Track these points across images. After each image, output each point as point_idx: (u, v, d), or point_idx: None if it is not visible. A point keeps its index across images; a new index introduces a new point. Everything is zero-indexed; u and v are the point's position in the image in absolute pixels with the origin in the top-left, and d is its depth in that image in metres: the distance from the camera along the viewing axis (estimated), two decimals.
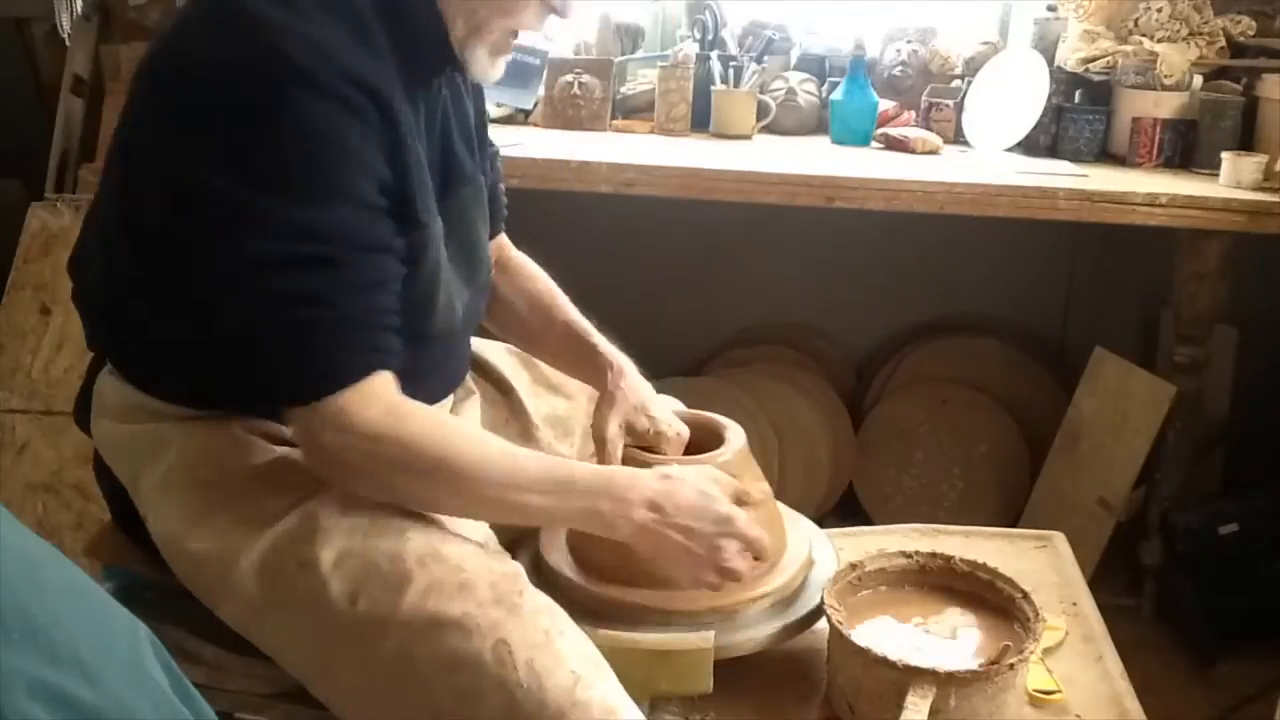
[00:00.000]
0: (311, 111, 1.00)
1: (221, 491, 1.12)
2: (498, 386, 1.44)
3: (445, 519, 1.13)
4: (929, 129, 2.53)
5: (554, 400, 1.47)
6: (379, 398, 1.05)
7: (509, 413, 1.43)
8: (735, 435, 1.29)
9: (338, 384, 1.03)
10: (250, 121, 1.00)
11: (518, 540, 1.30)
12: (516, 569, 1.10)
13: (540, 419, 1.44)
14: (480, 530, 1.19)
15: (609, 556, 1.21)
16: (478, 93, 1.33)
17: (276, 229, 1.00)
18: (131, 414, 1.18)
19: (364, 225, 1.04)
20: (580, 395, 1.48)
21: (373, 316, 1.05)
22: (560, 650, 1.03)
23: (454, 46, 1.14)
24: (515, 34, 1.17)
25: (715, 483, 1.18)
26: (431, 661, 1.02)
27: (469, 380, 1.39)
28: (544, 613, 1.06)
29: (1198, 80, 2.45)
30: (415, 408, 1.08)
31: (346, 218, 1.02)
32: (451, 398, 1.33)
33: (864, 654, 1.11)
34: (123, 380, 1.18)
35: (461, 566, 1.06)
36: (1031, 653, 1.13)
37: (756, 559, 1.17)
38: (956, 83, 2.60)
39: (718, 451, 1.27)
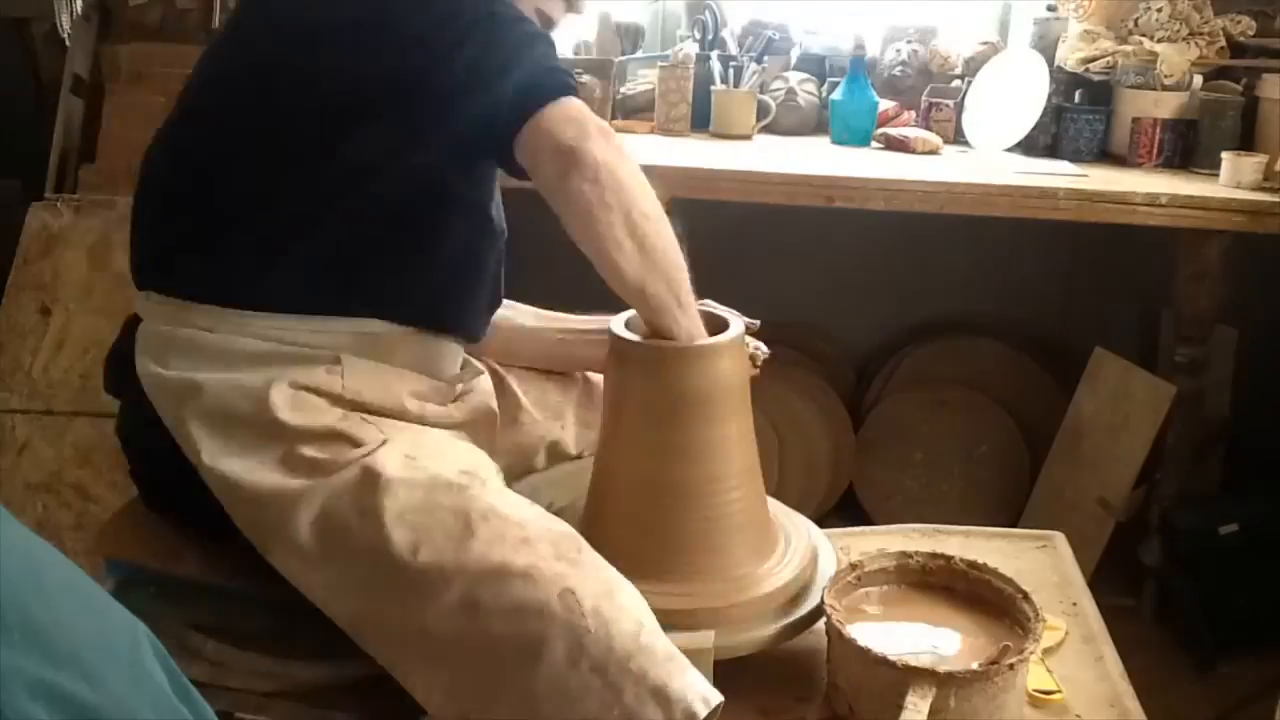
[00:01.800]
0: None
1: (284, 439, 1.13)
2: (491, 371, 1.45)
3: (501, 482, 1.17)
4: (929, 129, 2.53)
5: (544, 385, 1.49)
6: (586, 112, 1.15)
7: (501, 397, 1.44)
8: (735, 324, 1.28)
9: (567, 85, 1.14)
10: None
11: None
12: (573, 531, 1.13)
13: (530, 403, 1.47)
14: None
15: (620, 544, 1.21)
16: None
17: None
18: (186, 358, 1.17)
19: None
20: (569, 385, 1.51)
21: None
22: (623, 601, 1.07)
23: None
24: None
25: None
26: (497, 609, 1.04)
27: (473, 361, 1.40)
28: (604, 568, 1.10)
29: (1198, 80, 2.45)
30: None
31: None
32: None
33: (864, 654, 1.11)
34: (184, 303, 1.19)
35: (522, 524, 1.10)
36: (1031, 653, 1.13)
37: None
38: (956, 83, 2.60)
39: (719, 337, 1.25)
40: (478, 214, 1.28)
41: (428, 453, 1.16)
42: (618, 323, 1.27)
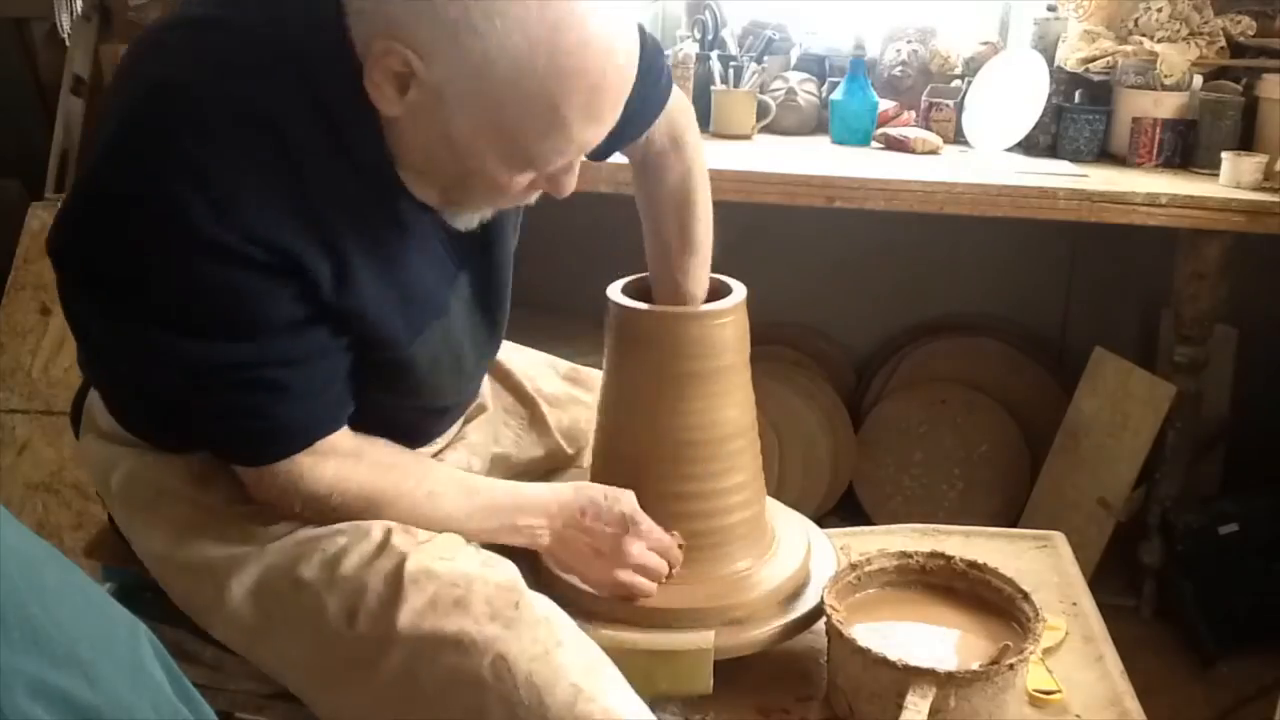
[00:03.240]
0: (207, 271, 0.94)
1: (208, 514, 1.12)
2: (521, 399, 1.44)
3: (434, 540, 1.12)
4: (929, 129, 2.53)
5: (575, 410, 1.46)
6: (330, 456, 1.07)
7: (529, 422, 1.43)
8: (737, 290, 1.28)
9: (288, 452, 1.05)
10: (155, 274, 0.95)
11: None
12: (512, 579, 1.09)
13: (560, 432, 1.44)
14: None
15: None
16: None
17: (197, 364, 0.98)
18: (112, 435, 1.18)
19: (288, 346, 1.01)
20: (593, 403, 1.48)
21: (318, 406, 1.05)
22: (560, 662, 1.02)
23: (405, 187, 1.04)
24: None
25: (620, 492, 1.19)
26: (433, 680, 1.02)
27: (483, 397, 1.38)
28: (542, 623, 1.05)
29: (1198, 80, 2.45)
30: (367, 453, 1.10)
31: (270, 346, 1.00)
32: (460, 421, 1.33)
33: (864, 654, 1.11)
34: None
35: (455, 582, 1.05)
36: (1031, 653, 1.13)
37: (669, 566, 1.20)
38: (956, 83, 2.60)
39: (720, 301, 1.25)
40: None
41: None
42: (614, 289, 1.26)
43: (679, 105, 1.26)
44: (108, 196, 0.94)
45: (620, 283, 1.29)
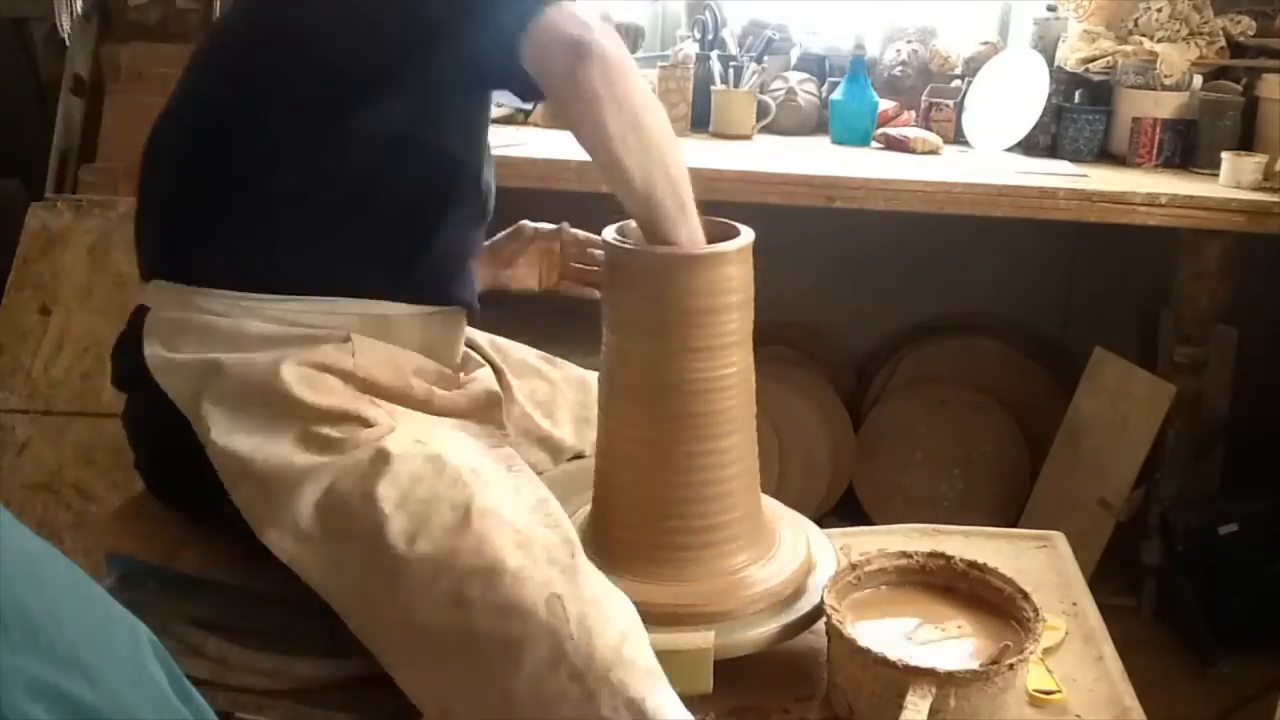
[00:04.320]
0: None
1: (298, 417, 1.13)
2: (491, 365, 1.46)
3: (504, 486, 1.15)
4: (929, 129, 2.53)
5: (535, 383, 1.49)
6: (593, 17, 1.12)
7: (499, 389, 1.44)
8: (746, 233, 1.27)
9: None
10: None
11: None
12: (570, 538, 1.12)
13: (523, 397, 1.47)
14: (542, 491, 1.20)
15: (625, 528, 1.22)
16: None
17: None
18: (196, 339, 1.17)
19: None
20: (560, 381, 1.51)
21: None
22: (609, 611, 1.06)
23: None
24: None
25: None
26: (484, 606, 1.04)
27: (474, 354, 1.41)
28: (596, 577, 1.09)
29: (1198, 80, 2.45)
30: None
31: None
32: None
33: (864, 654, 1.11)
34: (190, 288, 1.19)
35: (519, 528, 1.09)
36: (1031, 653, 1.13)
37: None
38: (956, 83, 2.60)
39: (729, 242, 1.24)
40: (475, 188, 1.28)
41: (438, 441, 1.17)
42: (610, 231, 1.25)
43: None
44: None
45: (615, 225, 1.26)
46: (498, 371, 1.45)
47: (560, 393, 1.50)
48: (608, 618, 1.05)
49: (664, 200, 1.15)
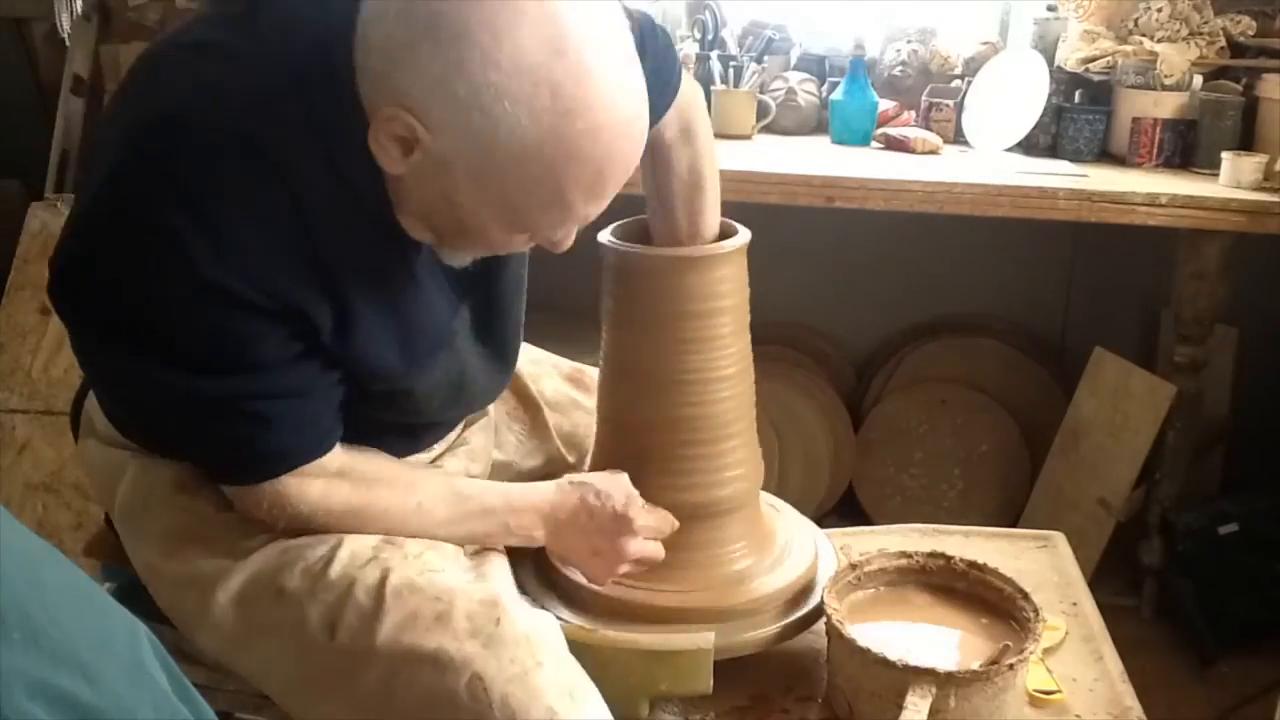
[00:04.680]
0: (205, 310, 0.94)
1: (196, 522, 1.12)
2: (523, 401, 1.43)
3: (421, 549, 1.12)
4: (929, 129, 2.53)
5: (576, 415, 1.44)
6: (317, 477, 1.07)
7: (532, 427, 1.42)
8: (742, 233, 1.27)
9: (274, 475, 1.05)
10: (150, 307, 0.95)
11: None
12: (496, 594, 1.08)
13: (561, 438, 1.43)
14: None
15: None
16: None
17: (184, 395, 0.99)
18: (113, 438, 1.18)
19: (280, 381, 1.01)
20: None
21: (306, 435, 1.05)
22: (537, 684, 1.01)
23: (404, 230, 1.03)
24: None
25: (613, 484, 1.19)
26: (410, 697, 1.01)
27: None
28: (522, 642, 1.03)
29: (1198, 80, 2.44)
30: (353, 469, 1.09)
31: (260, 380, 0.99)
32: (460, 426, 1.33)
33: (864, 654, 1.11)
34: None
35: (439, 597, 1.05)
36: (1031, 653, 1.13)
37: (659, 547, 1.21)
38: (956, 83, 2.60)
39: (723, 243, 1.24)
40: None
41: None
42: (606, 234, 1.24)
43: (689, 96, 1.26)
44: (106, 229, 0.94)
45: (610, 228, 1.26)
46: (532, 407, 1.42)
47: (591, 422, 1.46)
48: (534, 692, 1.00)
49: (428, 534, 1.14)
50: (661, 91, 1.19)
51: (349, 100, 0.93)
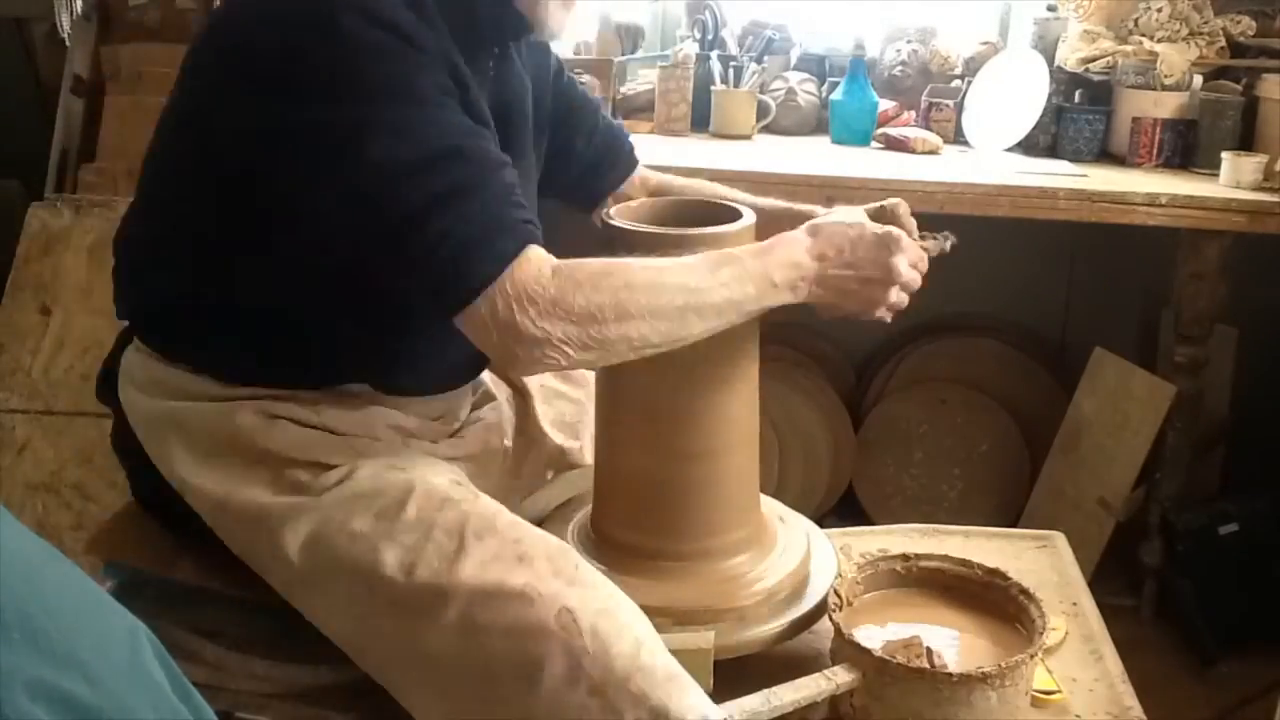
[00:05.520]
0: (369, 34, 1.02)
1: (260, 464, 1.13)
2: (515, 390, 1.44)
3: (488, 500, 1.14)
4: (929, 129, 2.53)
5: (560, 405, 1.46)
6: (543, 264, 1.05)
7: (523, 417, 1.42)
8: (746, 215, 1.26)
9: (504, 262, 1.02)
10: (317, 52, 1.02)
11: None
12: (569, 547, 1.11)
13: (548, 423, 1.44)
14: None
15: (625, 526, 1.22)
16: (538, 74, 1.34)
17: (383, 138, 1.01)
18: (160, 389, 1.18)
19: (456, 116, 1.06)
20: (584, 399, 1.47)
21: (506, 193, 1.06)
22: (622, 619, 1.04)
23: (519, 7, 1.15)
24: None
25: (858, 212, 1.21)
26: (494, 629, 1.02)
27: (490, 385, 1.39)
28: (602, 585, 1.07)
29: (1198, 80, 2.45)
30: (575, 262, 1.08)
31: (439, 113, 1.04)
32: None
33: (865, 654, 1.11)
34: (151, 356, 1.19)
35: (519, 539, 1.08)
36: (1034, 654, 1.13)
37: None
38: (956, 83, 2.60)
39: (727, 225, 1.23)
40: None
41: (413, 464, 1.15)
42: (612, 211, 1.24)
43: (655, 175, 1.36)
44: (274, 20, 1.04)
45: (618, 206, 1.26)
46: (522, 395, 1.43)
47: (585, 410, 1.46)
48: (621, 626, 1.03)
49: (693, 325, 1.09)
50: (618, 147, 1.44)
51: None
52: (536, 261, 1.04)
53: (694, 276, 1.09)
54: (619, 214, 1.24)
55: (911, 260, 1.19)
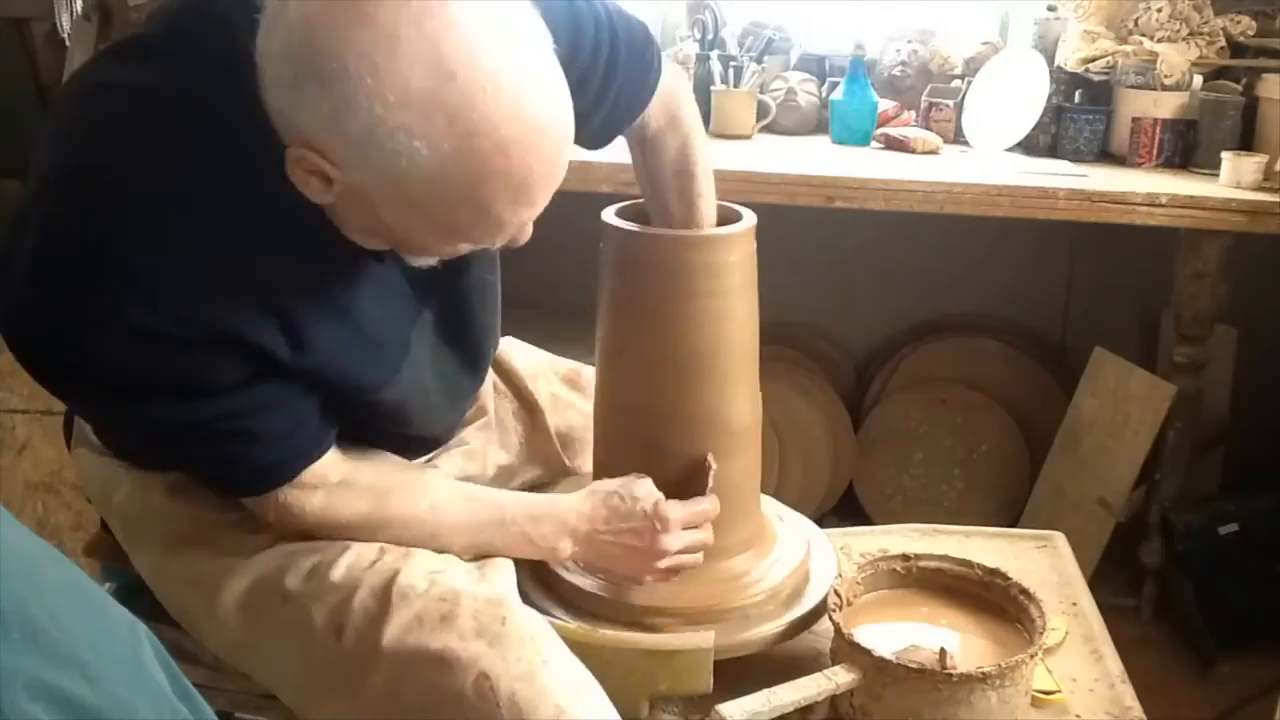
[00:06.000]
0: (152, 351, 0.93)
1: (197, 526, 1.12)
2: (524, 403, 1.41)
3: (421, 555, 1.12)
4: (929, 129, 2.53)
5: (570, 416, 1.43)
6: (317, 486, 1.07)
7: (531, 429, 1.41)
8: (747, 216, 1.27)
9: (273, 486, 1.05)
10: (103, 358, 0.94)
11: None
12: (501, 594, 1.08)
13: (557, 436, 1.42)
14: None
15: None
16: None
17: (161, 423, 0.99)
18: (104, 448, 1.19)
19: (249, 400, 1.00)
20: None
21: (294, 444, 1.05)
22: (544, 682, 1.01)
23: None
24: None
25: (637, 487, 1.18)
26: (417, 697, 1.01)
27: (483, 399, 1.37)
28: (528, 641, 1.04)
29: (1198, 80, 2.45)
30: (357, 479, 1.09)
31: (228, 402, 0.99)
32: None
33: (865, 654, 1.11)
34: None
35: (443, 597, 1.05)
36: (1035, 654, 1.13)
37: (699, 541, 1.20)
38: (956, 83, 2.60)
39: (728, 228, 1.24)
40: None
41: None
42: (610, 212, 1.24)
43: (672, 86, 1.22)
44: (33, 291, 0.92)
45: (614, 207, 1.26)
46: (530, 409, 1.41)
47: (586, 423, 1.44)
48: (542, 690, 1.00)
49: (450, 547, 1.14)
50: (638, 89, 1.17)
51: (263, 127, 0.88)
52: (310, 484, 1.06)
53: (451, 530, 1.13)
54: (619, 214, 1.24)
55: (688, 525, 1.18)
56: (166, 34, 0.97)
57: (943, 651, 1.09)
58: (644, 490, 1.18)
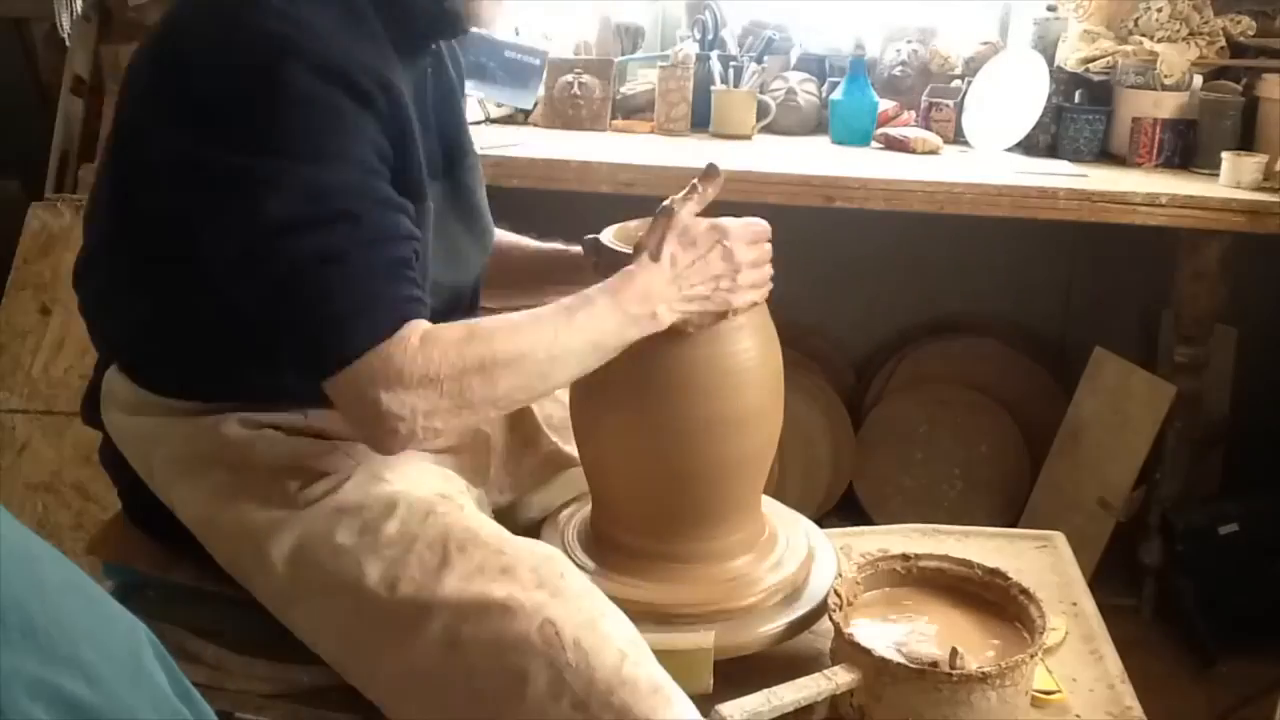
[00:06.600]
0: (311, 87, 1.00)
1: (247, 476, 1.12)
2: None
3: (473, 510, 1.14)
4: (929, 129, 2.53)
5: (552, 405, 1.44)
6: (414, 340, 1.03)
7: (517, 415, 1.41)
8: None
9: (375, 336, 1.00)
10: (252, 98, 1.01)
11: None
12: (555, 552, 1.11)
13: (542, 420, 1.43)
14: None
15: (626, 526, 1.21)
16: (458, 65, 1.35)
17: (288, 192, 1.00)
18: (142, 408, 1.18)
19: (372, 184, 1.04)
20: None
21: (396, 268, 1.03)
22: (606, 630, 1.03)
23: (451, 6, 1.14)
24: None
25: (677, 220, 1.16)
26: (477, 643, 1.02)
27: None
28: (586, 594, 1.06)
29: (1198, 80, 2.45)
30: (438, 330, 1.05)
31: (355, 177, 1.02)
32: None
33: (865, 654, 1.11)
34: (130, 380, 1.19)
35: (502, 550, 1.07)
36: (1035, 654, 1.13)
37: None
38: (956, 83, 2.60)
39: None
40: None
41: (400, 474, 1.14)
42: (608, 234, 1.24)
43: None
44: (208, 49, 1.04)
45: (612, 228, 1.25)
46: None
47: None
48: (605, 637, 1.02)
49: (558, 374, 1.11)
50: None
51: None
52: (409, 338, 1.01)
53: (550, 326, 1.09)
54: (616, 235, 1.24)
55: (750, 239, 1.18)
56: None
57: (954, 651, 1.10)
58: (689, 218, 1.16)
